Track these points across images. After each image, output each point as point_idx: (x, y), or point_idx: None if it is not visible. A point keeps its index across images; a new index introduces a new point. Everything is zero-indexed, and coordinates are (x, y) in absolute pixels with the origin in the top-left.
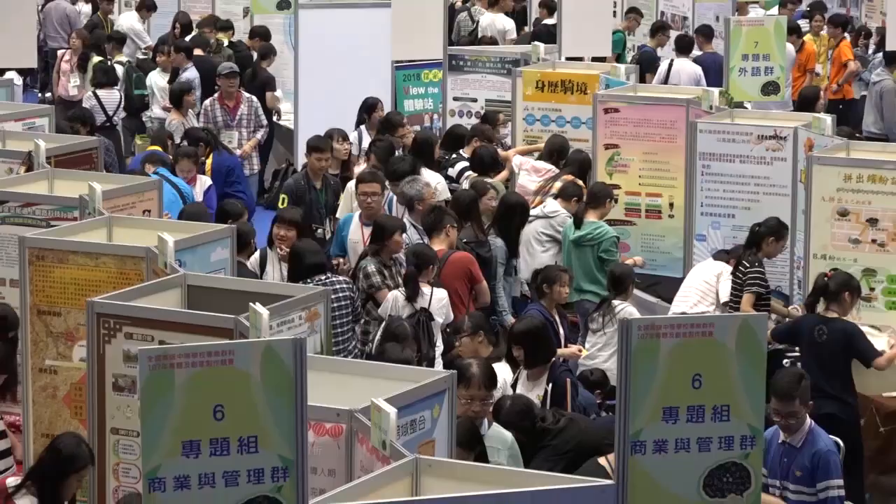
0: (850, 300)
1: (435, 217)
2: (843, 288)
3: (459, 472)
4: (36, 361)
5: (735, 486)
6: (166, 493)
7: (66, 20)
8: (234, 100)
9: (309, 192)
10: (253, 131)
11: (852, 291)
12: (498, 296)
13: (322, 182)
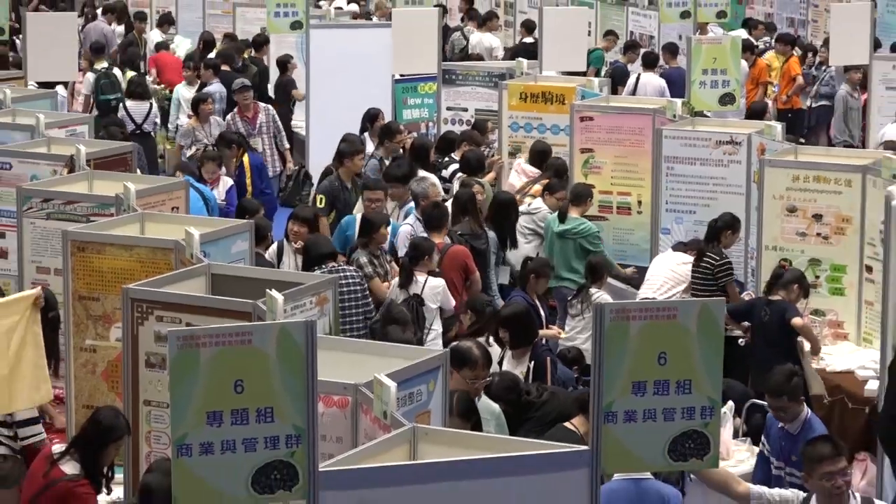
0: (797, 292)
1: (435, 212)
2: (794, 281)
3: (452, 439)
4: (77, 341)
5: (696, 451)
6: (192, 458)
7: (103, 39)
8: (251, 111)
9: (343, 192)
10: (273, 136)
11: (802, 286)
12: (491, 282)
13: (352, 183)
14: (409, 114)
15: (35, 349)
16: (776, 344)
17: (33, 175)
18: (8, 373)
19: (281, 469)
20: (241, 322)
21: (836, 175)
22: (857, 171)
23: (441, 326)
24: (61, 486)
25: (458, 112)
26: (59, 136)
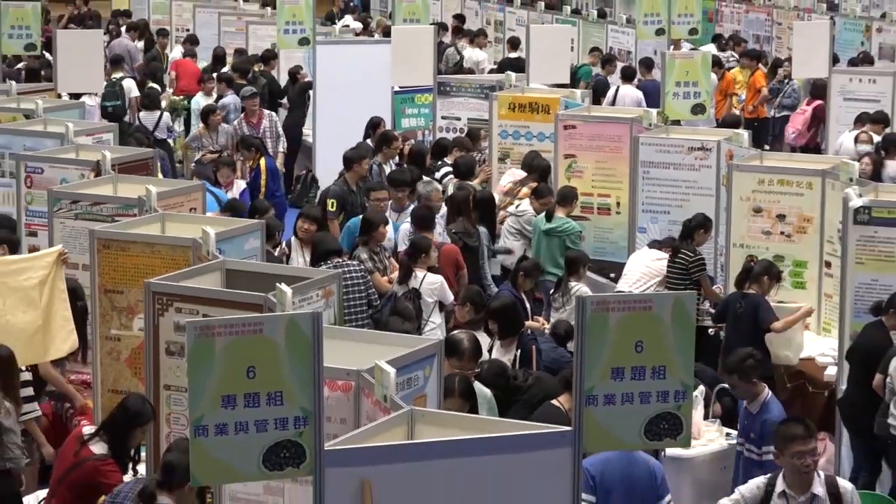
0: (768, 283)
1: (426, 213)
2: (764, 273)
3: (446, 421)
4: (103, 331)
5: (669, 431)
6: (209, 438)
7: (127, 54)
8: (256, 117)
9: (350, 195)
10: (275, 141)
11: (771, 276)
12: (484, 272)
13: (356, 186)
14: (407, 122)
15: (62, 302)
16: (748, 334)
17: (63, 178)
18: (42, 323)
19: (290, 448)
20: (253, 313)
21: (798, 178)
22: (817, 175)
23: (440, 318)
24: (89, 464)
25: (452, 121)
26: (87, 142)
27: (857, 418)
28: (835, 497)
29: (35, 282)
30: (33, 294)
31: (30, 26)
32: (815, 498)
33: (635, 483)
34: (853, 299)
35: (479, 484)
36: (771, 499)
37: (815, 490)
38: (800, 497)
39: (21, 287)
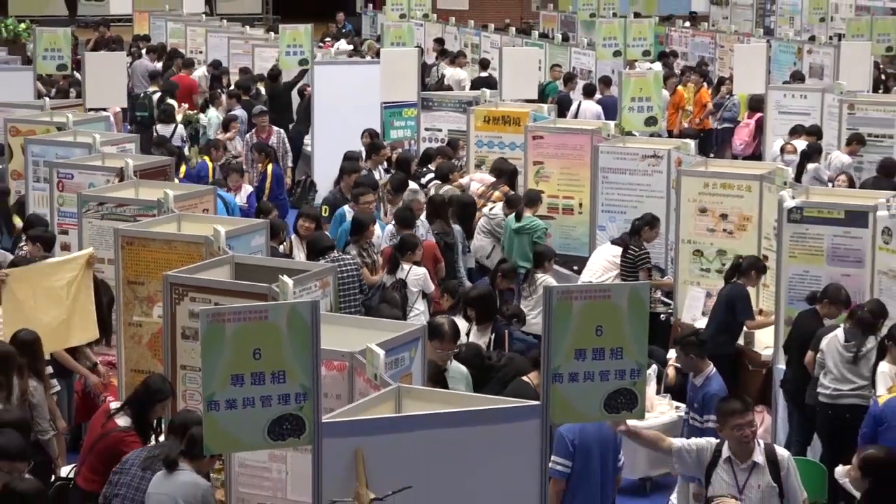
0: (755, 276)
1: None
2: (751, 267)
3: (429, 396)
4: (126, 317)
5: (626, 405)
6: (220, 412)
7: (147, 73)
8: (265, 132)
9: (343, 202)
10: (283, 155)
11: (758, 270)
12: (459, 266)
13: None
14: (394, 133)
15: (86, 297)
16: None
17: (90, 183)
18: (66, 317)
19: (291, 421)
20: (258, 302)
21: (738, 182)
22: (755, 179)
23: (423, 305)
24: (114, 435)
25: (434, 132)
26: (112, 151)
27: (801, 395)
28: (773, 463)
29: (64, 282)
30: (61, 293)
31: (61, 49)
32: (756, 465)
33: (607, 443)
34: (787, 288)
35: (458, 452)
36: (718, 463)
37: (755, 458)
38: (742, 464)
39: (51, 287)
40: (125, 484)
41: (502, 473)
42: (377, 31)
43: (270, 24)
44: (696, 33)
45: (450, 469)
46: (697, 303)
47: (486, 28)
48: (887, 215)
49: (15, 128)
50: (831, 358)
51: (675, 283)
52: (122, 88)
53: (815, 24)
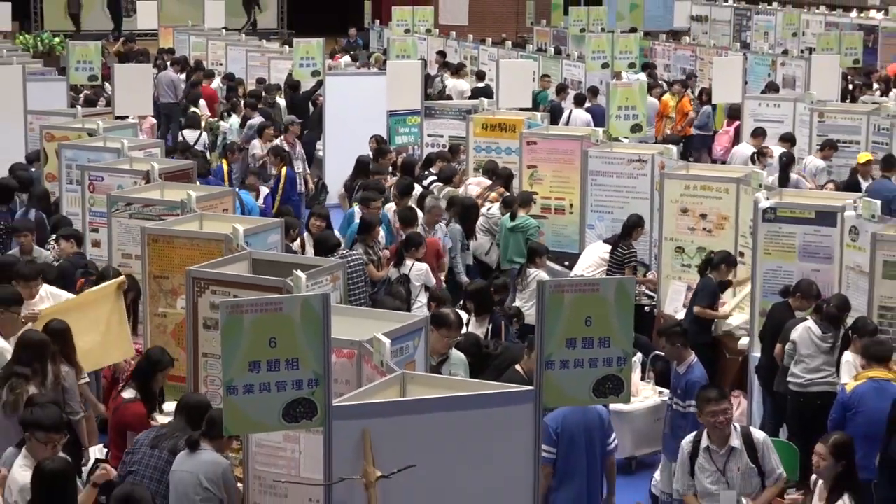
0: (726, 269)
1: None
2: (721, 262)
3: (432, 382)
4: (152, 309)
5: (613, 390)
6: (238, 396)
7: (171, 84)
8: (292, 139)
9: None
10: (303, 163)
11: (728, 264)
12: (457, 263)
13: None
14: (399, 139)
15: (120, 320)
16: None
17: (119, 185)
18: (101, 339)
19: (304, 404)
20: (274, 295)
21: (717, 185)
22: (732, 181)
23: (426, 298)
24: (120, 408)
25: (436, 138)
26: (139, 156)
27: (773, 381)
28: (750, 446)
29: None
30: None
31: (92, 61)
32: (733, 450)
33: (592, 429)
34: (762, 283)
35: (458, 433)
36: (698, 453)
37: (732, 443)
38: (720, 450)
39: (86, 315)
40: (137, 462)
41: (499, 453)
42: (384, 45)
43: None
44: (677, 47)
45: (450, 449)
46: (679, 296)
47: (484, 42)
48: (854, 215)
49: (50, 134)
50: (805, 348)
51: (659, 278)
52: (148, 98)
53: (788, 39)
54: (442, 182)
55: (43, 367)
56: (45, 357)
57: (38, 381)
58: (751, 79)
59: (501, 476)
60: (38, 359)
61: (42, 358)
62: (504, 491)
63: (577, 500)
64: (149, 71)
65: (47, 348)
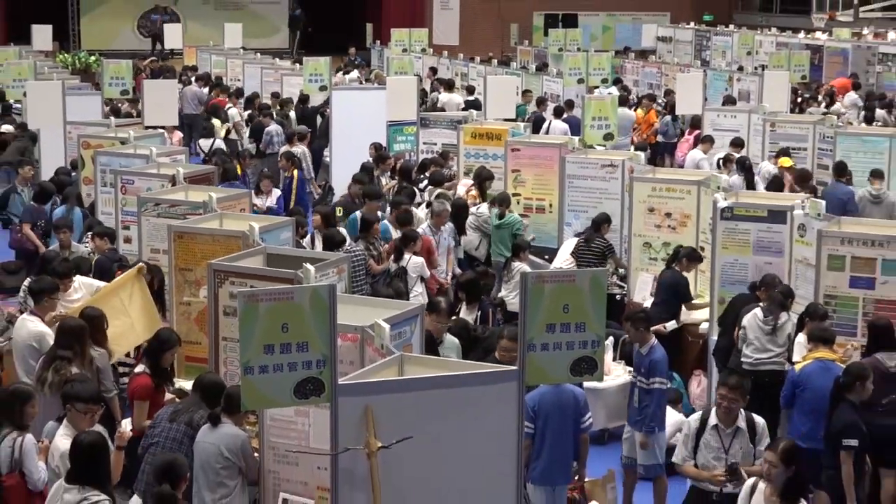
0: (687, 263)
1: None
2: (684, 256)
3: (426, 363)
4: (177, 298)
5: (588, 369)
6: (254, 376)
7: (195, 97)
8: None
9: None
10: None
11: (691, 259)
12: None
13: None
14: (397, 146)
15: (144, 299)
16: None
17: (148, 187)
18: (129, 322)
19: (313, 382)
20: (286, 285)
21: (680, 187)
22: (694, 184)
23: (421, 288)
24: (133, 380)
25: (430, 145)
26: (165, 161)
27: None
28: (751, 429)
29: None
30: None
31: (124, 77)
32: (738, 430)
33: (565, 408)
34: (720, 274)
35: (450, 408)
36: (706, 429)
37: (738, 424)
38: (727, 429)
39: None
40: (157, 434)
41: (486, 426)
42: (383, 63)
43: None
44: (645, 64)
45: (444, 422)
46: (646, 286)
47: (473, 60)
48: (802, 214)
49: (86, 142)
50: (752, 332)
51: (629, 270)
52: (174, 110)
53: (743, 57)
54: (433, 185)
55: (83, 350)
56: (84, 340)
57: (78, 362)
58: (710, 93)
59: (489, 446)
60: (77, 342)
61: (80, 341)
62: (491, 459)
63: (550, 467)
64: (174, 86)
65: (84, 332)
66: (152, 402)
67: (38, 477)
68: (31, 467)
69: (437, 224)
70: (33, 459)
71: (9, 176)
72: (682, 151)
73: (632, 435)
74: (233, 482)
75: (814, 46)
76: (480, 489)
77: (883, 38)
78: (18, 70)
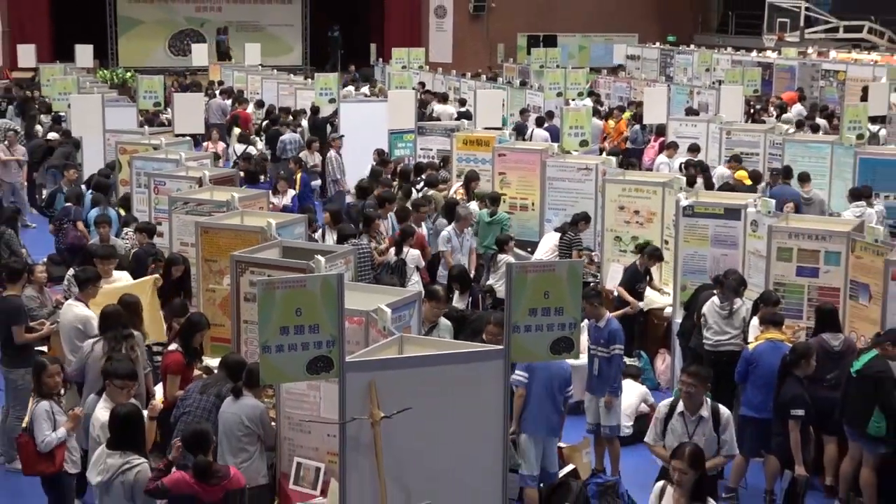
0: (647, 258)
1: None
2: (648, 254)
3: (424, 342)
4: (204, 285)
5: (565, 348)
6: (272, 354)
7: (220, 108)
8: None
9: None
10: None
11: (650, 256)
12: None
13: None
14: (398, 152)
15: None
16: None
17: (178, 188)
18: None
19: (324, 360)
20: (299, 274)
21: (647, 187)
22: (659, 185)
23: (417, 277)
24: (167, 356)
25: (427, 151)
26: (193, 165)
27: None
28: (716, 419)
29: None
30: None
31: (156, 91)
32: (702, 419)
33: (553, 378)
34: (682, 264)
35: (444, 382)
36: (673, 416)
37: (702, 413)
38: (692, 416)
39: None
40: (189, 405)
41: (476, 397)
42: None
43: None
44: (616, 80)
45: (438, 395)
46: (617, 275)
47: (465, 75)
48: (754, 212)
49: (123, 148)
50: (711, 317)
51: (602, 260)
52: (201, 119)
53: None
54: (428, 186)
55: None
56: (121, 324)
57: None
58: (673, 105)
59: (478, 415)
60: (118, 325)
61: (120, 324)
62: (480, 426)
63: (538, 418)
64: (201, 99)
65: (122, 317)
66: (183, 377)
67: (41, 440)
68: (37, 431)
69: (461, 228)
70: (41, 425)
71: (55, 178)
72: (649, 156)
73: (593, 402)
74: (253, 448)
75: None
76: (470, 453)
77: (825, 56)
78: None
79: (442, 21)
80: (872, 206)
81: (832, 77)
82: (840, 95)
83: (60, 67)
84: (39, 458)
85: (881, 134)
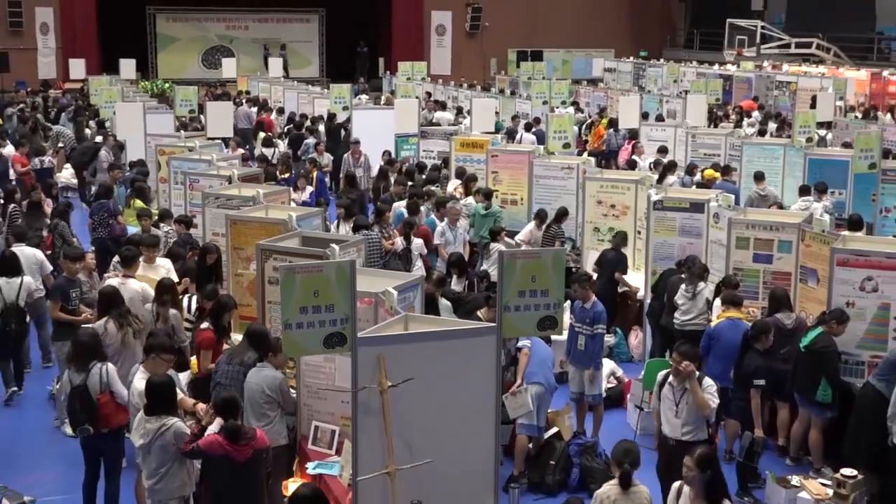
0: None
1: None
2: (620, 240)
3: (426, 321)
4: (233, 270)
5: (550, 326)
6: (293, 331)
7: (247, 115)
8: (358, 154)
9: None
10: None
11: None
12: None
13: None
14: (403, 153)
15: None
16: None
17: (210, 185)
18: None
19: (338, 336)
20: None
21: (622, 184)
22: (633, 182)
23: (420, 263)
24: (199, 333)
25: (429, 152)
26: (223, 164)
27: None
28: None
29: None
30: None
31: (191, 100)
32: (686, 390)
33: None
34: (653, 251)
35: (444, 355)
36: (665, 384)
37: (686, 385)
38: (678, 387)
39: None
40: (220, 375)
41: (472, 368)
42: (392, 88)
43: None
44: (595, 90)
45: (438, 366)
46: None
47: (462, 86)
48: (716, 206)
49: (162, 150)
50: (679, 298)
51: (582, 249)
52: (230, 125)
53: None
54: (429, 183)
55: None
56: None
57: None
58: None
59: (473, 385)
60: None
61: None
62: (475, 394)
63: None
64: (230, 106)
65: (119, 296)
66: (214, 351)
67: (119, 391)
68: (116, 387)
69: (452, 222)
70: (117, 381)
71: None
72: (623, 157)
73: (577, 374)
74: (273, 413)
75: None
76: (467, 417)
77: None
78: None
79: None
80: (821, 200)
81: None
82: (792, 104)
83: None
84: (118, 411)
85: (828, 138)
